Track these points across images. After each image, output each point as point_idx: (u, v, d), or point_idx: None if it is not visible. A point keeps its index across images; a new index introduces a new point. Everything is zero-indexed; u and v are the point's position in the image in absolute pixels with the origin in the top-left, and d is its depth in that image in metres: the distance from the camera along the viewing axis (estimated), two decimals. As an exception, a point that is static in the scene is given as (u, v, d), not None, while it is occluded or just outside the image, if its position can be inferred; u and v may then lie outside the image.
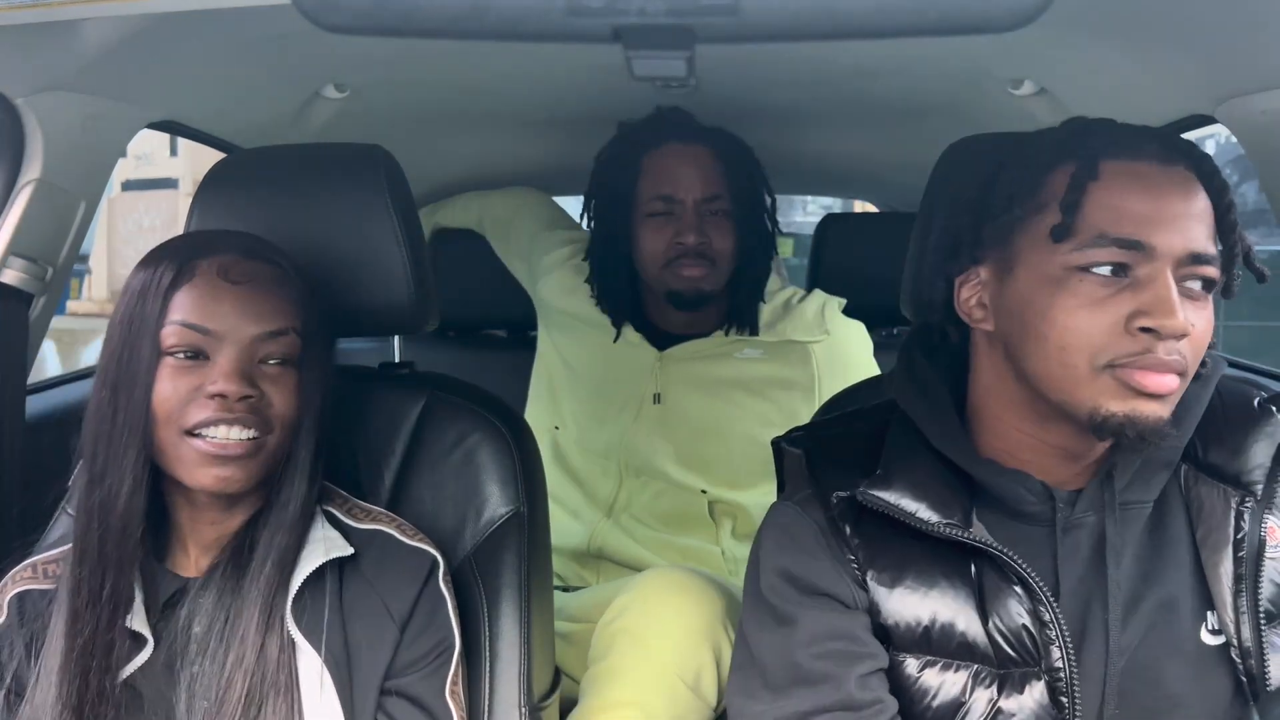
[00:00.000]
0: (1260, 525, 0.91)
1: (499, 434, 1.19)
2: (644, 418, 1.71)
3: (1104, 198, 0.86)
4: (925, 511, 0.91)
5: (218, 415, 0.94)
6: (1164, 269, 0.84)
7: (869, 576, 0.94)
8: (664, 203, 1.65)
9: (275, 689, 0.96)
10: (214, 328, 0.96)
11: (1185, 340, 0.84)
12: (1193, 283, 0.86)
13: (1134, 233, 0.85)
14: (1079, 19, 1.21)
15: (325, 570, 1.01)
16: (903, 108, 1.76)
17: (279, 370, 0.99)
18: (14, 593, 1.03)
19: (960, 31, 0.77)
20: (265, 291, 0.99)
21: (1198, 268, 0.86)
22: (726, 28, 0.78)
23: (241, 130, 1.66)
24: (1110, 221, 0.85)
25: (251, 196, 1.19)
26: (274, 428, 0.98)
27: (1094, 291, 0.85)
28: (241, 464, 0.96)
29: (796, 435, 1.06)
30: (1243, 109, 1.20)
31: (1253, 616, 0.89)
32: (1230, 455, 0.94)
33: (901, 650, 0.93)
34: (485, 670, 1.11)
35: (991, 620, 0.91)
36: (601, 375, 1.75)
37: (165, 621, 1.00)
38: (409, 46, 1.44)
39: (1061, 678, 0.89)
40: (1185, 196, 0.87)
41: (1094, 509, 0.93)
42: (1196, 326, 0.85)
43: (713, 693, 1.28)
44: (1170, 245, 0.84)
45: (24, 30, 1.08)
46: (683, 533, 1.66)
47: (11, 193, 1.27)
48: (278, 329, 0.98)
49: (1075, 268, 0.86)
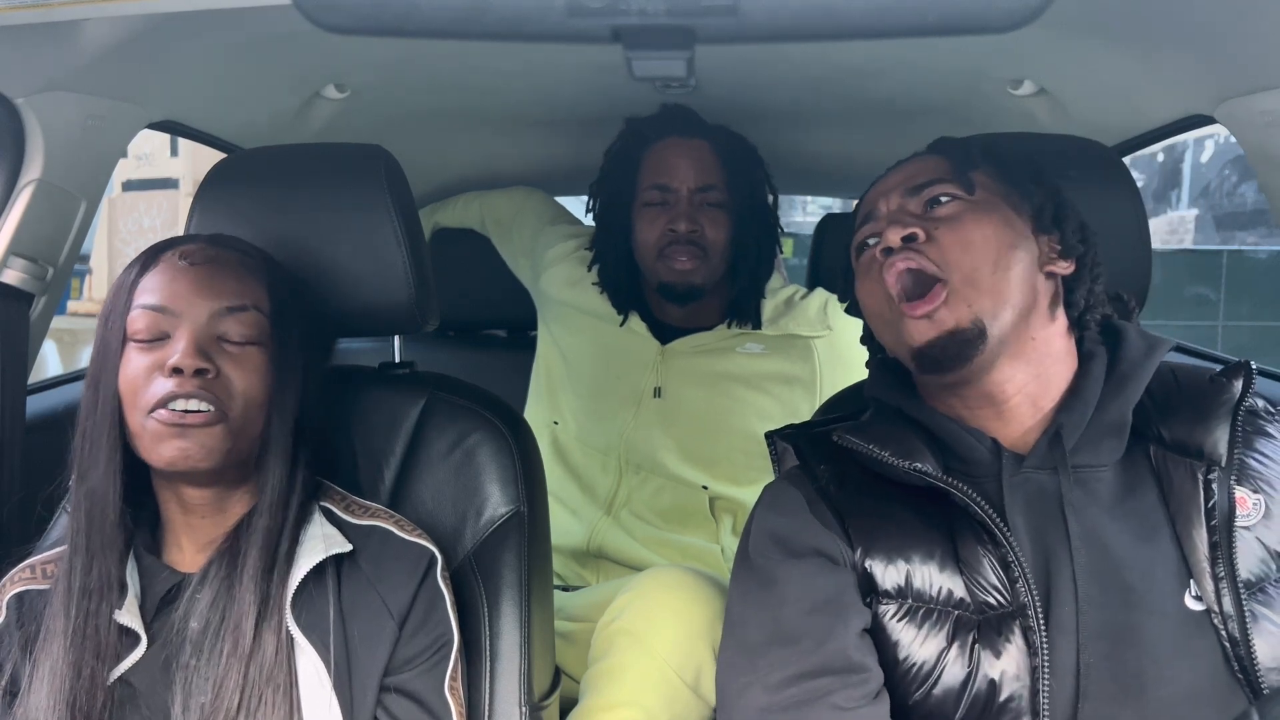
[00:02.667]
0: (1229, 494, 0.96)
1: (499, 434, 1.19)
2: (644, 412, 1.71)
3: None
4: (893, 457, 1.00)
5: (173, 390, 0.95)
6: (887, 211, 1.05)
7: (852, 532, 1.00)
8: (659, 191, 1.68)
9: (273, 686, 0.96)
10: (171, 305, 0.97)
11: (926, 246, 0.98)
12: (929, 205, 1.02)
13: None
14: (1079, 19, 1.21)
15: (325, 567, 1.01)
16: (903, 108, 1.77)
17: (239, 349, 0.99)
18: (13, 593, 1.03)
19: (960, 32, 0.78)
20: (225, 270, 1.00)
21: (924, 192, 1.03)
22: (726, 28, 0.78)
23: (241, 130, 1.66)
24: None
25: (251, 196, 1.19)
26: (235, 406, 0.98)
27: (877, 262, 1.04)
28: (199, 437, 0.95)
29: (789, 431, 1.13)
30: (1243, 109, 1.20)
31: (1231, 585, 0.93)
32: (1190, 429, 1.00)
33: (884, 599, 0.98)
34: (486, 670, 1.11)
35: (965, 570, 0.97)
36: (602, 368, 1.76)
37: (162, 618, 1.00)
38: (409, 46, 1.45)
39: (1030, 614, 0.93)
40: (924, 164, 1.06)
41: (1046, 468, 0.99)
42: (941, 235, 0.98)
43: (712, 692, 1.28)
44: (876, 204, 1.06)
45: (24, 30, 1.09)
46: (683, 530, 1.66)
47: (12, 193, 1.27)
48: (236, 305, 0.98)
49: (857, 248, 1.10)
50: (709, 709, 1.28)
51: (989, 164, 1.04)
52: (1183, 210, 11.37)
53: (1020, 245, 1.00)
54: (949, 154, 1.05)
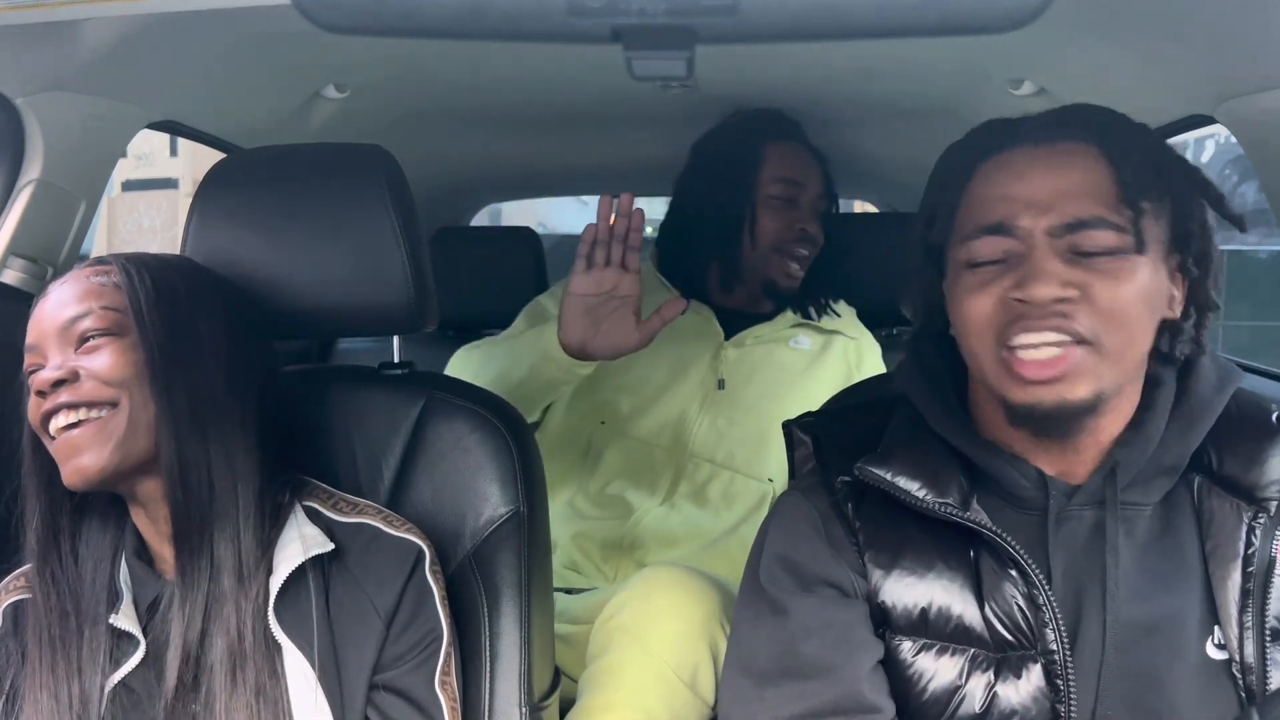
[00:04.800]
0: (1271, 543, 0.90)
1: (498, 434, 1.19)
2: (710, 404, 1.71)
3: (976, 192, 0.92)
4: (921, 490, 0.93)
5: (46, 408, 0.97)
6: (1036, 243, 0.87)
7: (868, 559, 0.95)
8: (790, 187, 1.71)
9: (260, 690, 0.96)
10: (34, 340, 1.01)
11: (1081, 306, 0.85)
12: (1085, 250, 0.86)
13: (997, 217, 0.89)
14: (1079, 19, 1.21)
15: (306, 568, 1.01)
16: (903, 108, 1.77)
17: (93, 344, 0.99)
18: (8, 602, 1.03)
19: (960, 32, 0.78)
20: (70, 287, 1.01)
21: (1082, 235, 0.86)
22: (726, 28, 0.78)
23: (241, 130, 1.66)
24: (979, 213, 0.90)
25: (251, 196, 1.19)
26: (113, 400, 0.98)
27: (982, 278, 0.90)
28: (89, 450, 0.96)
29: (807, 420, 1.09)
30: (1243, 109, 1.20)
31: (1257, 633, 0.89)
32: (1245, 468, 0.92)
33: (899, 633, 0.94)
34: (485, 670, 1.11)
35: (988, 604, 0.92)
36: (664, 362, 1.74)
37: (152, 625, 1.00)
38: (409, 46, 1.45)
39: (1056, 661, 0.89)
40: (1056, 170, 0.88)
41: (1092, 504, 0.93)
42: (1098, 292, 0.85)
43: (710, 690, 1.28)
44: (1036, 221, 0.87)
45: (24, 30, 1.09)
46: (743, 522, 1.66)
47: (12, 193, 1.27)
48: (81, 312, 0.99)
49: (964, 262, 0.91)
50: (707, 707, 1.28)
51: (1158, 182, 0.88)
52: (1183, 210, 11.35)
53: (1160, 302, 0.89)
54: (1113, 157, 0.88)
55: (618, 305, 1.43)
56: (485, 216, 3.58)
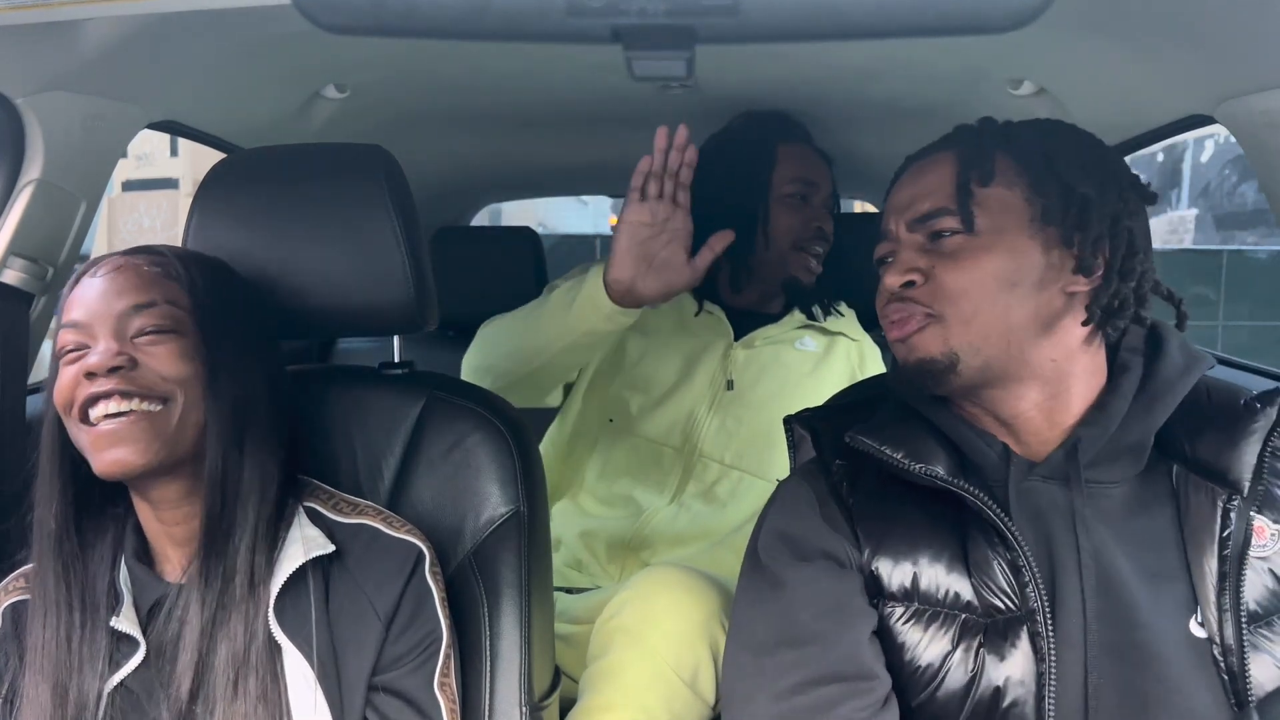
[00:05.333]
0: (1247, 523, 0.94)
1: (499, 434, 1.19)
2: (719, 405, 1.71)
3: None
4: (906, 459, 0.99)
5: (93, 391, 0.95)
6: (902, 240, 1.03)
7: (861, 532, 1.00)
8: (805, 186, 1.73)
9: (261, 693, 0.96)
10: (83, 319, 0.98)
11: (925, 287, 0.98)
12: (932, 237, 1.00)
13: (884, 224, 1.06)
14: (1079, 19, 1.21)
15: (307, 570, 1.01)
16: (903, 108, 1.77)
17: (154, 338, 0.98)
18: (7, 603, 1.03)
19: (959, 32, 0.78)
20: (131, 274, 1.00)
21: (929, 224, 1.00)
22: (726, 28, 0.78)
23: (241, 130, 1.66)
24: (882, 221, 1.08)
25: (251, 196, 1.19)
26: (166, 396, 0.97)
27: (884, 272, 1.04)
28: (135, 442, 0.95)
29: (807, 415, 1.13)
30: (1242, 109, 1.20)
31: (1234, 615, 0.91)
32: (1217, 452, 0.97)
33: (891, 600, 0.98)
34: (485, 670, 1.11)
35: (974, 572, 0.96)
36: (674, 362, 1.75)
37: (153, 627, 1.00)
38: (409, 46, 1.45)
39: (1039, 619, 0.92)
40: (914, 179, 1.04)
41: (1056, 478, 0.98)
42: (939, 272, 0.98)
43: (710, 690, 1.28)
44: (898, 221, 1.03)
45: (24, 30, 1.09)
46: (750, 520, 1.66)
47: (12, 193, 1.27)
48: (144, 302, 0.98)
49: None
50: (707, 707, 1.28)
51: (1008, 161, 0.99)
52: (1183, 210, 11.38)
53: (1025, 279, 0.96)
54: (962, 158, 1.01)
55: (668, 239, 1.41)
56: (485, 216, 3.58)
